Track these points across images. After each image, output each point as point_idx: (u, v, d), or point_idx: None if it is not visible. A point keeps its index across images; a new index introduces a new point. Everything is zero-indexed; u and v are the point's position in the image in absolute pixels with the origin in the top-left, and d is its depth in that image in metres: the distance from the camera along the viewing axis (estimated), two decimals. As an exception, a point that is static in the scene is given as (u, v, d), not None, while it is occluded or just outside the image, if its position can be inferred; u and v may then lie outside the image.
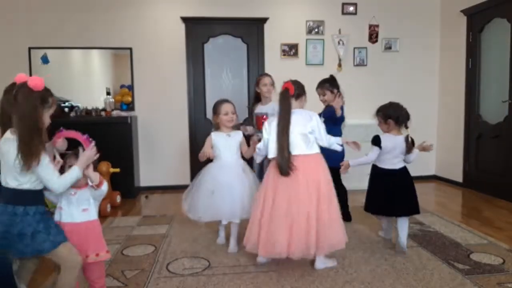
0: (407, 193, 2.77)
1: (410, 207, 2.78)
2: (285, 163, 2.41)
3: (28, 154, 1.67)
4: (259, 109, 3.48)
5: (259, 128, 3.32)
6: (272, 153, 2.52)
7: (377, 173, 2.85)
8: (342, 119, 3.32)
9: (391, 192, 2.73)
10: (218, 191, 2.78)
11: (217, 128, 2.95)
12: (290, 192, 2.43)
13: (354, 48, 5.23)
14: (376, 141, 2.76)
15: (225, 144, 2.88)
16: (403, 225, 2.78)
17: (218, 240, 3.08)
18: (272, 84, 3.45)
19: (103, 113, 4.69)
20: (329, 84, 3.39)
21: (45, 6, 4.74)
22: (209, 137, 2.92)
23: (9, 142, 1.71)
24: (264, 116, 3.37)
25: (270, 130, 2.56)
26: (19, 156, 1.67)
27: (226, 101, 2.95)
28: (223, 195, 2.77)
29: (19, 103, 1.70)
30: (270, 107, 3.39)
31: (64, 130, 1.93)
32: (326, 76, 3.54)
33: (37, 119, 1.73)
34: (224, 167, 2.87)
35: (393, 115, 2.74)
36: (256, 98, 3.55)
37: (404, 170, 2.82)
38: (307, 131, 2.51)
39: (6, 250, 1.75)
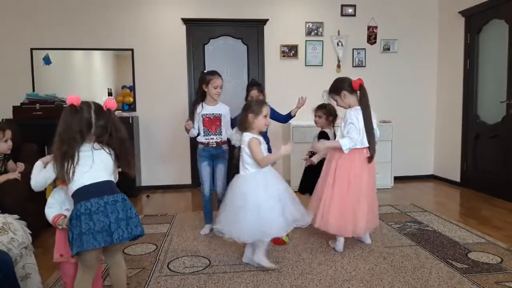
0: None
1: None
2: (374, 151, 2.81)
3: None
4: (206, 109, 3.19)
5: (210, 129, 3.19)
6: (365, 143, 2.79)
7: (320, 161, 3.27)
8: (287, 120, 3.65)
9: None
10: (281, 201, 2.47)
11: (248, 129, 2.53)
12: (370, 176, 2.83)
13: (353, 49, 5.27)
14: (325, 136, 3.29)
15: (264, 149, 2.54)
16: None
17: (265, 263, 2.57)
18: (221, 86, 3.21)
19: (104, 114, 4.71)
20: (261, 87, 3.64)
21: (47, 7, 4.78)
22: (255, 141, 2.47)
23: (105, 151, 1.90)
24: (220, 118, 3.22)
25: (358, 122, 2.79)
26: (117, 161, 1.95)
27: (265, 102, 2.58)
28: (285, 204, 2.48)
29: (116, 123, 1.91)
30: (221, 108, 3.24)
31: None
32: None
33: None
34: (268, 173, 2.53)
35: (334, 115, 3.33)
36: (200, 96, 3.23)
37: None
38: (375, 126, 2.87)
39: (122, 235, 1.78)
